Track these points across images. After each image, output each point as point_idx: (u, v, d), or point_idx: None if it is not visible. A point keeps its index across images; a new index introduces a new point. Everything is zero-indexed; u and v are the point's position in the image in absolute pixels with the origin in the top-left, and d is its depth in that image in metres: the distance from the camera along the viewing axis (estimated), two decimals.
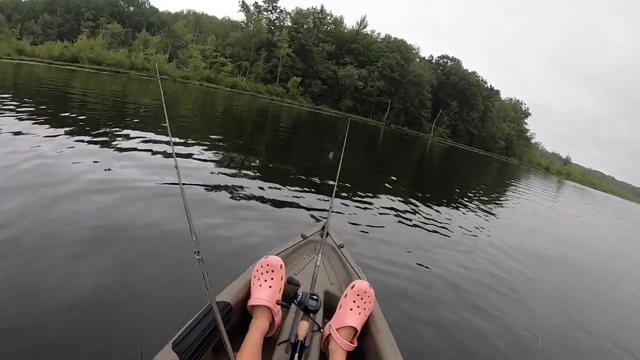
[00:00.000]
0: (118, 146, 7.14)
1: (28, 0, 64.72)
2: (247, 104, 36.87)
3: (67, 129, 7.92)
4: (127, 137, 8.14)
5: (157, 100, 23.72)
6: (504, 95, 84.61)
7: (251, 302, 1.73)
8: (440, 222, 6.43)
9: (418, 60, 69.96)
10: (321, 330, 1.71)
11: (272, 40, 55.30)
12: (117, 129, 9.38)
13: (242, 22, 57.83)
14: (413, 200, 7.71)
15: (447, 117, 71.23)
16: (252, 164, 8.26)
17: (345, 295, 1.74)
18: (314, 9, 62.27)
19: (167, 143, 7.76)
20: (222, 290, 1.78)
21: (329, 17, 63.41)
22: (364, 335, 1.72)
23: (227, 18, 64.92)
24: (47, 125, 8.07)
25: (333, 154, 3.93)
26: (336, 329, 1.64)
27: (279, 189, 6.21)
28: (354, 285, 1.73)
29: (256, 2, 57.37)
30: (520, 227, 8.63)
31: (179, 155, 7.26)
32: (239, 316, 1.76)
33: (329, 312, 1.87)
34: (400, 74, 62.93)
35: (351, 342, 1.63)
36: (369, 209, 6.17)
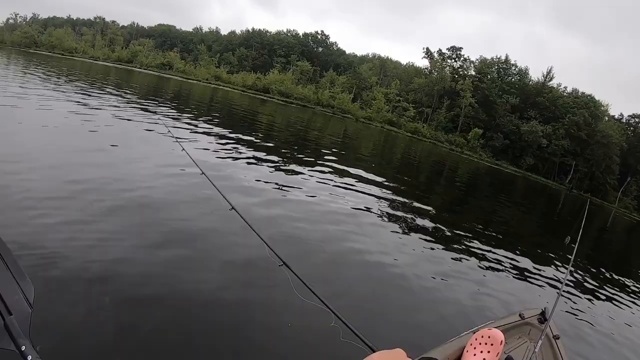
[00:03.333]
0: (290, 169, 8.92)
1: (227, 34, 72.99)
2: (426, 151, 36.78)
3: (252, 148, 10.08)
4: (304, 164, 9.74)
5: (337, 137, 23.77)
6: None
7: None
8: None
9: (607, 118, 63.13)
10: None
11: (455, 89, 54.31)
12: (297, 155, 11.36)
13: (425, 68, 57.98)
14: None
15: (635, 186, 62.58)
16: (447, 216, 8.85)
17: None
18: (498, 58, 60.20)
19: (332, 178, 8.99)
20: (437, 347, 1.87)
21: (513, 68, 60.71)
22: None
23: (411, 64, 65.99)
24: (233, 142, 10.39)
25: (570, 238, 3.33)
26: None
27: (487, 252, 6.49)
28: None
29: (440, 50, 57.08)
30: None
31: (350, 188, 8.53)
32: None
33: None
34: (587, 133, 57.24)
35: None
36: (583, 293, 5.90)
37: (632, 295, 6.98)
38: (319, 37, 66.94)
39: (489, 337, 1.86)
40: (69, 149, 6.42)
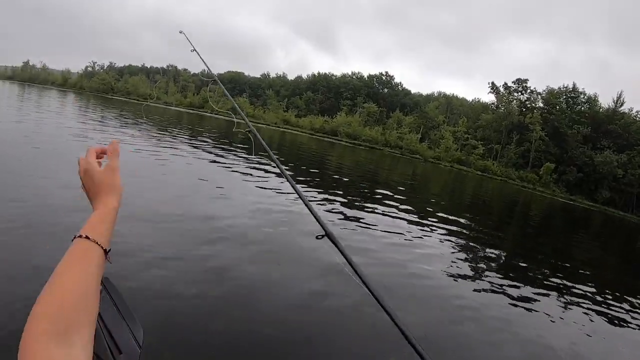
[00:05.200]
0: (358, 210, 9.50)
1: (294, 79, 77.12)
2: (497, 189, 36.32)
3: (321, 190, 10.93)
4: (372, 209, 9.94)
5: (406, 178, 24.19)
6: None
7: None
8: None
9: None
10: None
11: (524, 123, 54.20)
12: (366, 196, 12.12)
13: (492, 103, 58.47)
14: None
15: None
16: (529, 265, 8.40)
17: None
18: (566, 87, 59.52)
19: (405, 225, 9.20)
20: None
21: (582, 96, 59.72)
22: None
23: (477, 100, 66.78)
24: (303, 183, 11.40)
25: None
26: None
27: (578, 299, 6.40)
28: None
29: (506, 83, 57.43)
30: None
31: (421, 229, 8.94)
32: None
33: None
34: None
35: None
36: None
37: None
38: (384, 78, 69.57)
39: None
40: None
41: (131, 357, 1.06)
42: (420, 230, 8.93)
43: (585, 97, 60.72)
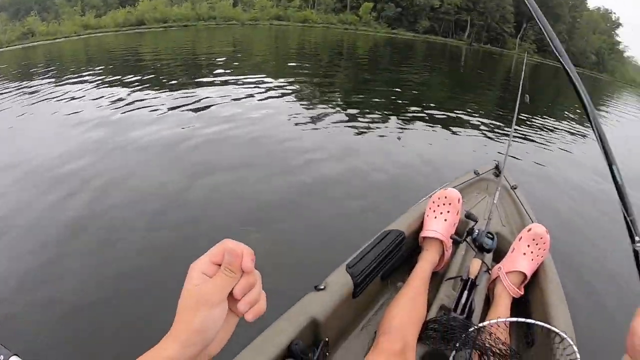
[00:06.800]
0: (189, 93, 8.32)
1: None
2: (321, 36, 36.30)
3: (139, 88, 9.04)
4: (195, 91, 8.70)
5: (227, 46, 22.96)
6: (591, 5, 75.78)
7: (424, 233, 1.71)
8: None
9: None
10: (489, 272, 1.63)
11: None
12: (193, 76, 10.73)
13: None
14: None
15: (531, 31, 64.67)
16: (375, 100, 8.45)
17: (520, 239, 1.64)
18: None
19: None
20: (396, 219, 1.78)
21: None
22: (532, 283, 1.62)
23: None
24: (120, 87, 9.21)
25: (528, 97, 2.84)
26: (505, 272, 1.58)
27: (418, 120, 6.64)
28: (530, 229, 1.62)
29: None
30: None
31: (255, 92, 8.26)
32: (410, 247, 1.75)
33: (497, 254, 1.80)
34: None
35: (518, 289, 1.57)
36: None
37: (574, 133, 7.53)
38: None
39: (445, 197, 1.79)
40: None
41: None
42: (255, 89, 8.62)
43: None
